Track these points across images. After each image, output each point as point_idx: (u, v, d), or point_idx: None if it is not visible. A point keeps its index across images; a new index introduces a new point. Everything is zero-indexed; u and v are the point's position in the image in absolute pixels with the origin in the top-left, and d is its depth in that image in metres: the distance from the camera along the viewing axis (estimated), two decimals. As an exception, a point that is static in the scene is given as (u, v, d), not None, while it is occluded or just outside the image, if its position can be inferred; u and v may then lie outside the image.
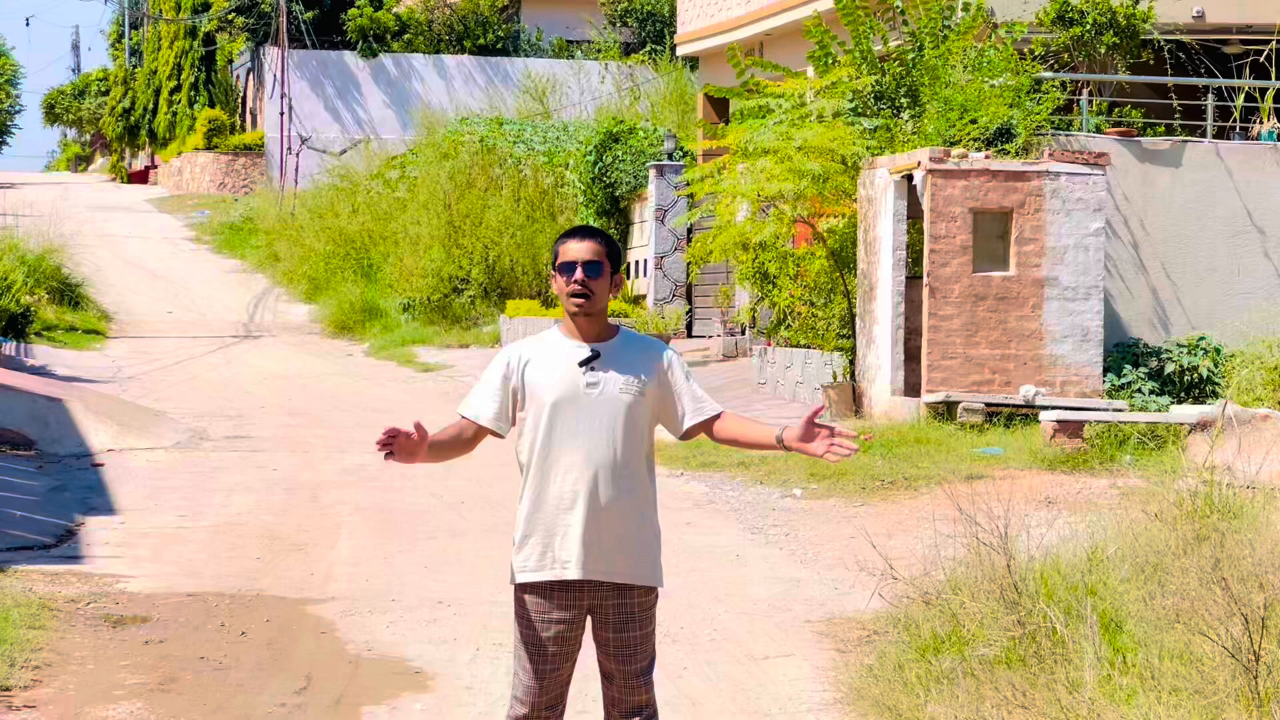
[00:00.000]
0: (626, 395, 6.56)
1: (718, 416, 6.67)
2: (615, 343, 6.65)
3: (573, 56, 57.81)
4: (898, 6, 22.69)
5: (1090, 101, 22.54)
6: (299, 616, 11.41)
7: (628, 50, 55.59)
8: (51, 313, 34.70)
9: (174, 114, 65.64)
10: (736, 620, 11.39)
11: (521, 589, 6.59)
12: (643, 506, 6.62)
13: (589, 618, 6.61)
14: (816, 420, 6.46)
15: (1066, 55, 23.32)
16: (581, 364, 6.56)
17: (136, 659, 10.14)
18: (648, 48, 54.18)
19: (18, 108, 79.28)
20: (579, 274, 6.53)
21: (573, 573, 6.51)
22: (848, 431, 6.45)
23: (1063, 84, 22.24)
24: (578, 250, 6.56)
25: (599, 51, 56.03)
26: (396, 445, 6.37)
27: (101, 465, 18.14)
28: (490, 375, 6.67)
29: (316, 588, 12.37)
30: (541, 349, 6.65)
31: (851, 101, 22.03)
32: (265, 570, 12.96)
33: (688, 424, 6.67)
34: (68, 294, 37.31)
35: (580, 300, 6.55)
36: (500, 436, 6.68)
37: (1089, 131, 21.67)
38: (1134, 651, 7.91)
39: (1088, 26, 22.89)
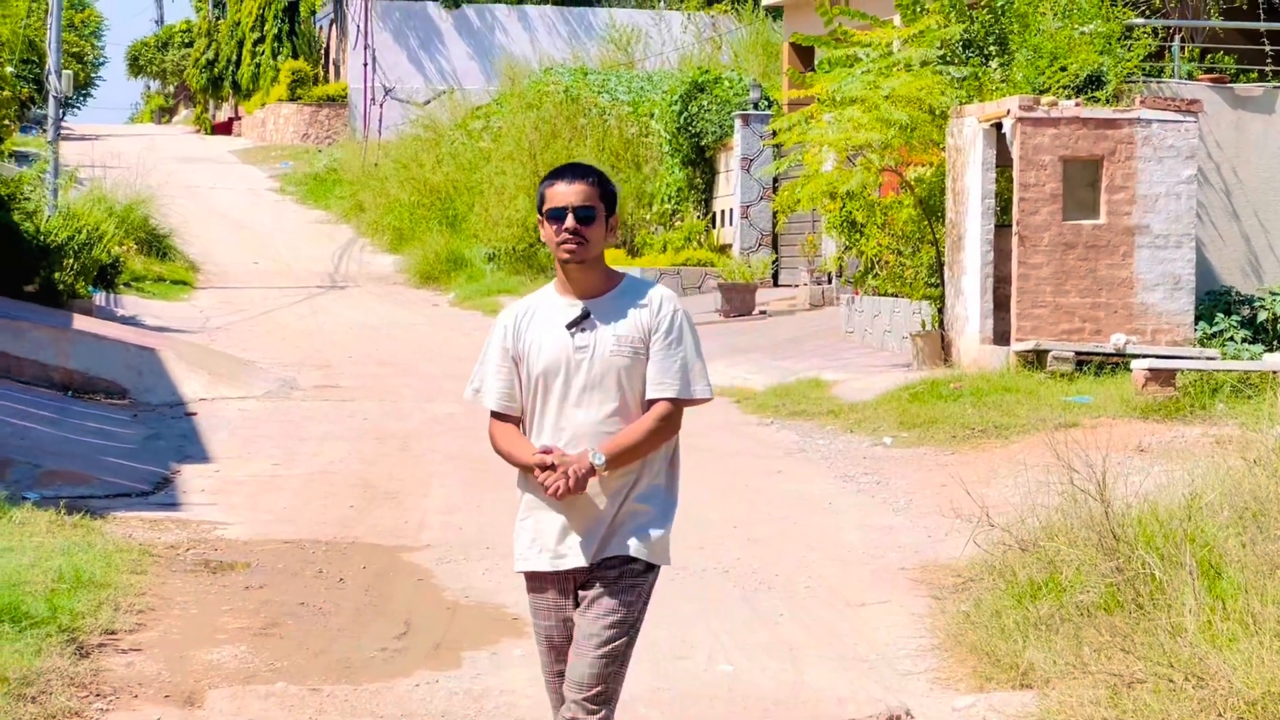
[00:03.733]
0: (619, 358, 5.93)
1: (654, 402, 5.97)
2: (612, 295, 6.01)
3: (654, 6, 57.60)
4: (986, -47, 22.50)
5: (1182, 48, 22.31)
6: (395, 564, 11.51)
7: (710, 0, 55.38)
8: (139, 263, 34.91)
9: (257, 65, 65.80)
10: (830, 567, 11.41)
11: (524, 576, 6.17)
12: (644, 479, 6.01)
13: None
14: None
15: (1158, 1, 23.08)
16: (570, 326, 5.95)
17: (238, 604, 10.27)
18: (730, -3, 53.95)
19: (102, 60, 79.91)
20: (569, 221, 5.90)
21: (567, 563, 6.02)
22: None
23: (1154, 30, 22.00)
24: (567, 194, 5.92)
25: (681, 1, 55.83)
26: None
27: (194, 414, 18.31)
28: (490, 352, 6.08)
29: (411, 535, 12.47)
30: (536, 310, 6.04)
31: (939, 50, 21.88)
32: (359, 518, 13.07)
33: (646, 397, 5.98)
34: (155, 245, 37.47)
35: (572, 249, 5.92)
36: (518, 420, 6.02)
37: (1180, 78, 21.46)
38: (1235, 597, 7.88)
39: (1179, -28, 22.67)
